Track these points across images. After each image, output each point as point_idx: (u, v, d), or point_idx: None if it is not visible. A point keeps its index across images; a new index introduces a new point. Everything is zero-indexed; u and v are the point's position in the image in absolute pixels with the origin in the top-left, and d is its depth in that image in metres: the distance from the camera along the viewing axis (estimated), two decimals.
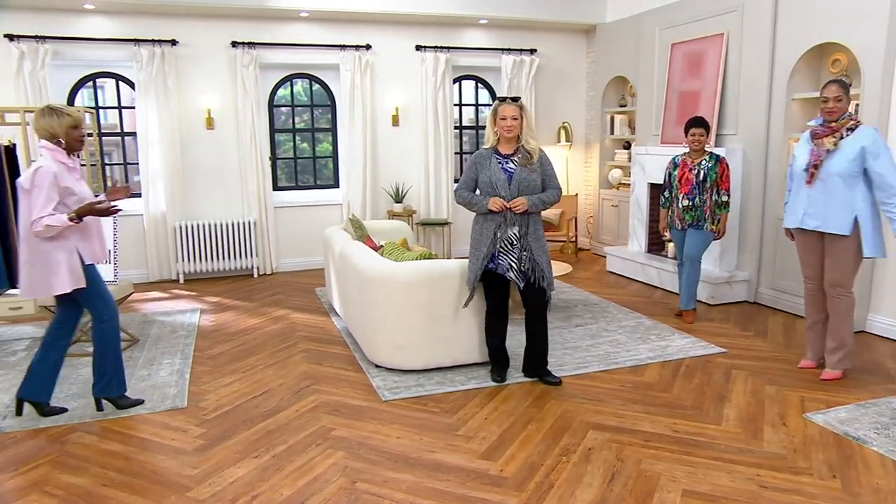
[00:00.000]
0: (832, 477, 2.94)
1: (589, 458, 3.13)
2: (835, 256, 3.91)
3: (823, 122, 3.89)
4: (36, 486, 2.93)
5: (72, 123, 3.37)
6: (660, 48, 6.86)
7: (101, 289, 3.56)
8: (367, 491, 2.85)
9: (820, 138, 3.86)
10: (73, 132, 3.39)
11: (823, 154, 3.82)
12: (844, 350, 4.02)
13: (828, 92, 3.81)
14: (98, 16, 6.61)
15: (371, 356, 4.33)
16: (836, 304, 3.97)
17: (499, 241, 3.82)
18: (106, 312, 3.57)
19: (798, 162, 3.96)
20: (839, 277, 3.92)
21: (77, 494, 2.86)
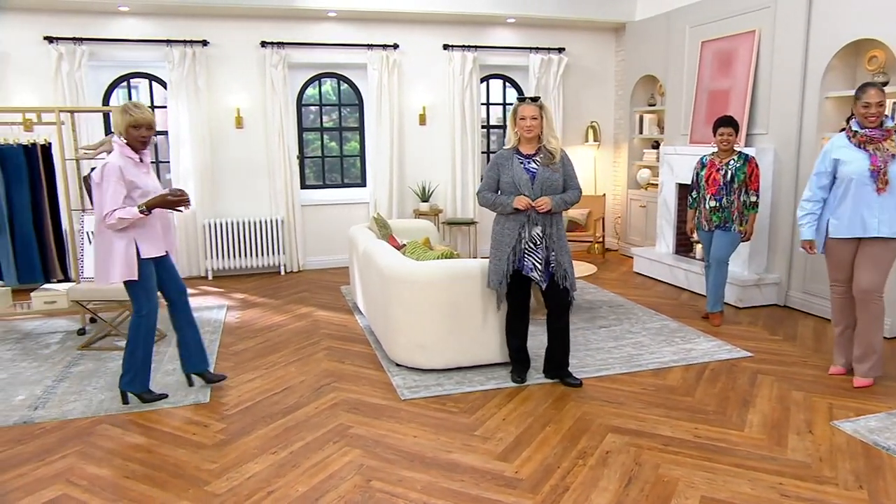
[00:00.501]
0: (858, 487, 2.85)
1: (606, 461, 3.09)
2: (873, 260, 3.79)
3: (862, 128, 3.76)
4: (61, 475, 3.01)
5: (132, 122, 3.47)
6: (689, 46, 6.73)
7: (149, 285, 3.64)
8: (381, 489, 2.85)
9: (878, 143, 3.71)
10: (133, 131, 3.49)
11: (889, 159, 3.69)
12: (875, 357, 3.90)
13: (869, 97, 3.68)
14: (132, 17, 6.75)
15: (392, 355, 4.34)
16: (869, 309, 3.85)
17: (523, 241, 3.80)
18: (146, 308, 3.65)
19: (853, 168, 3.76)
20: (875, 281, 3.80)
21: (100, 485, 2.92)
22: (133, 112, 3.47)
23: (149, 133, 3.53)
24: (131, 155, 3.53)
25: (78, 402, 3.84)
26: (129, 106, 3.49)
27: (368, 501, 2.76)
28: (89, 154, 5.24)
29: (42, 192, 5.24)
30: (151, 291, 3.65)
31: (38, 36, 6.49)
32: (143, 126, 3.50)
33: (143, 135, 3.51)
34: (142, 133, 3.51)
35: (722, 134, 5.03)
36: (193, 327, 3.92)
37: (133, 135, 3.50)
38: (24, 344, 4.93)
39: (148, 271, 3.62)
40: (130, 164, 3.51)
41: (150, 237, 3.59)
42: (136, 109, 3.49)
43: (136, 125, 3.48)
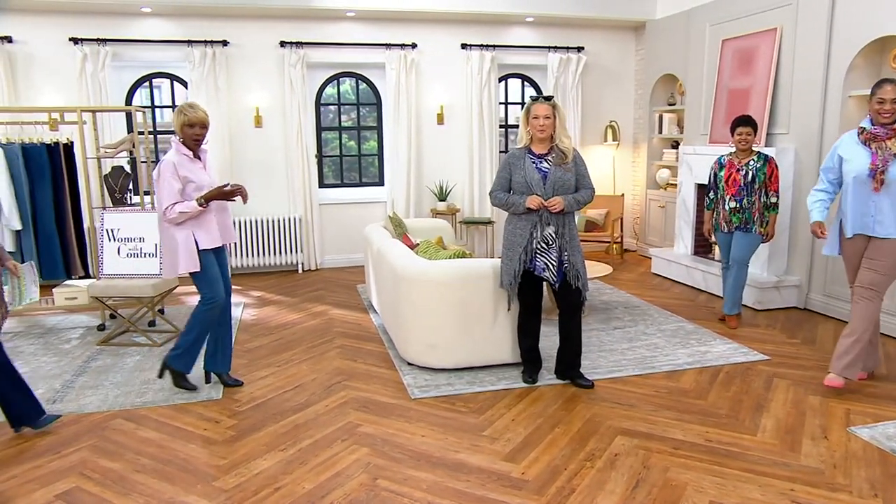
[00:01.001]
0: (873, 496, 2.79)
1: (614, 464, 3.06)
2: (879, 258, 3.69)
3: (873, 124, 3.67)
4: (74, 468, 3.06)
5: (186, 122, 3.64)
6: (710, 45, 6.64)
7: (211, 274, 3.78)
8: (387, 488, 2.86)
9: (882, 141, 3.62)
10: (188, 129, 3.66)
11: (890, 158, 3.59)
12: (854, 355, 3.75)
13: (884, 93, 3.57)
14: (154, 18, 6.85)
15: (404, 354, 4.34)
16: (864, 306, 3.73)
17: (535, 241, 3.78)
18: (208, 296, 3.79)
19: (855, 166, 3.69)
20: (877, 280, 3.69)
21: (111, 479, 2.97)
22: (187, 112, 3.65)
23: (202, 131, 3.70)
24: (186, 152, 3.71)
25: (94, 396, 3.91)
26: (185, 107, 3.67)
27: (373, 500, 2.77)
28: (110, 153, 5.33)
29: (64, 190, 5.34)
30: (214, 280, 3.79)
31: (64, 37, 6.61)
32: (197, 125, 3.67)
33: (197, 133, 3.68)
34: (195, 131, 3.67)
35: (740, 133, 4.95)
36: (226, 328, 3.99)
37: (188, 133, 3.67)
38: (46, 339, 5.03)
39: (208, 261, 3.77)
40: (185, 160, 3.69)
41: (208, 229, 3.74)
42: (191, 109, 3.66)
43: (190, 124, 3.65)
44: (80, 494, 2.84)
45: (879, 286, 3.70)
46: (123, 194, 5.45)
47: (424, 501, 2.76)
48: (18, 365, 4.40)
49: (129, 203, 5.51)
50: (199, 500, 2.79)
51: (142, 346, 4.78)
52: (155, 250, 4.90)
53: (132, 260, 4.92)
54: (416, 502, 2.75)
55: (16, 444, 3.31)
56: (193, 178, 3.68)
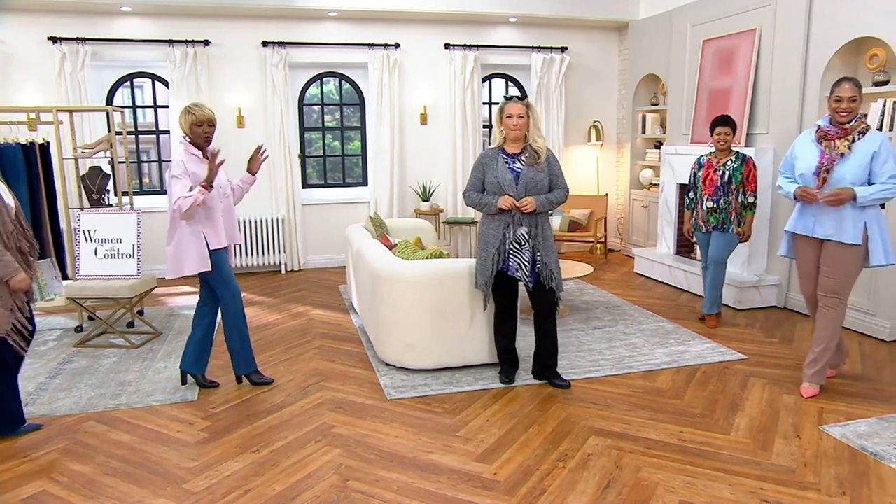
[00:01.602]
0: (841, 493, 2.80)
1: (587, 464, 3.06)
2: (837, 265, 3.65)
3: (831, 122, 3.65)
4: (43, 472, 3.03)
5: (194, 121, 3.67)
6: (691, 45, 6.67)
7: (224, 272, 3.84)
8: (357, 489, 2.85)
9: (831, 140, 3.60)
10: (196, 128, 3.68)
11: (836, 157, 3.56)
12: (824, 362, 3.77)
13: (842, 91, 3.53)
14: (134, 18, 6.80)
15: (381, 354, 4.33)
16: (828, 314, 3.70)
17: (508, 242, 3.78)
18: (226, 295, 3.86)
19: (804, 163, 3.68)
20: (838, 286, 3.66)
21: (79, 482, 2.94)
22: (194, 111, 3.68)
23: (211, 129, 3.74)
24: (195, 152, 3.74)
25: (68, 398, 3.87)
26: (191, 106, 3.70)
27: (343, 501, 2.76)
28: (87, 153, 5.28)
29: (40, 190, 5.29)
30: (228, 278, 3.86)
31: (43, 36, 6.56)
32: (205, 123, 3.69)
33: (206, 131, 3.71)
34: (204, 129, 3.70)
35: (719, 133, 4.97)
36: (211, 330, 4.03)
37: (197, 132, 3.69)
38: None
39: (219, 260, 3.82)
40: (194, 160, 3.71)
41: (216, 229, 3.77)
42: (197, 108, 3.69)
43: (198, 123, 3.68)
44: (46, 498, 2.81)
45: (841, 293, 3.68)
46: (101, 195, 5.40)
47: (394, 502, 2.75)
48: None
49: (106, 203, 5.46)
50: (167, 502, 2.77)
51: (119, 348, 4.74)
52: (132, 251, 4.86)
53: (109, 261, 4.88)
54: (385, 503, 2.74)
55: None
56: (202, 175, 3.69)
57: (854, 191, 3.50)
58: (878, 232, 3.60)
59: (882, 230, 3.63)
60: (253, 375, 4.04)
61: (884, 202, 3.67)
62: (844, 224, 3.58)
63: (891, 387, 3.95)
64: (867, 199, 3.50)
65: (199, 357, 4.01)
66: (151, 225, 6.97)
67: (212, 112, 3.75)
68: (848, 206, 3.56)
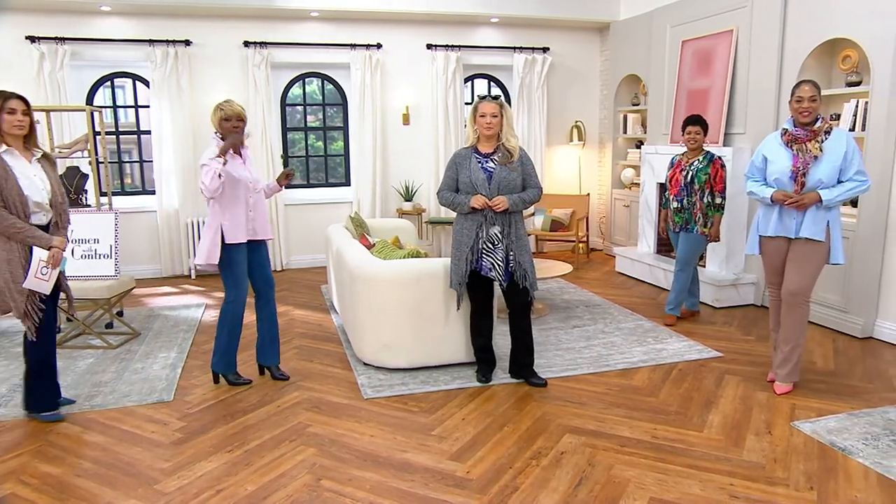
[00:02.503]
0: (809, 488, 2.82)
1: (560, 462, 3.07)
2: (801, 262, 3.69)
3: (796, 124, 3.68)
4: (13, 474, 3.00)
5: (223, 116, 3.72)
6: (671, 45, 6.70)
7: (236, 272, 3.84)
8: (330, 489, 2.84)
9: (802, 143, 3.63)
10: (226, 124, 3.72)
11: (810, 160, 3.59)
12: (795, 360, 3.82)
13: (802, 92, 3.58)
14: (114, 17, 6.75)
15: (359, 354, 4.32)
16: (796, 314, 3.75)
17: (481, 241, 3.77)
18: (231, 294, 3.86)
19: (777, 167, 3.69)
20: (803, 284, 3.70)
21: (49, 484, 2.91)
22: (223, 107, 3.73)
23: (240, 124, 3.76)
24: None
25: None
26: (221, 103, 3.75)
27: (315, 500, 2.75)
28: (64, 153, 5.24)
29: None
30: (239, 279, 3.84)
31: (21, 35, 6.49)
32: (234, 118, 3.73)
33: (235, 125, 3.73)
34: (232, 124, 3.72)
35: (689, 132, 4.98)
36: (270, 322, 4.08)
37: (226, 127, 3.72)
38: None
39: (236, 258, 3.81)
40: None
41: (236, 223, 3.77)
42: (226, 104, 3.74)
43: (227, 118, 3.72)
44: (14, 501, 2.78)
45: (807, 291, 3.73)
46: (79, 195, 5.35)
47: (366, 501, 2.74)
48: None
49: (84, 204, 5.41)
50: (137, 503, 2.74)
51: (97, 349, 4.70)
52: (110, 251, 4.82)
53: (87, 261, 4.84)
54: (357, 502, 2.73)
55: None
56: (230, 170, 3.71)
57: (819, 194, 3.57)
58: (839, 231, 3.68)
59: (841, 230, 3.70)
60: (231, 376, 4.03)
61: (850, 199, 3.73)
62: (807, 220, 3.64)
63: (862, 383, 3.99)
64: (833, 200, 3.57)
65: (264, 350, 4.10)
66: (133, 226, 6.93)
67: (241, 108, 3.79)
68: (813, 207, 3.61)
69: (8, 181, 3.21)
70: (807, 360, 4.32)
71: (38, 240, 3.31)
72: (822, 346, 4.68)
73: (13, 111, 3.25)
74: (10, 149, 3.28)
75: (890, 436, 3.28)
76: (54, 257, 3.36)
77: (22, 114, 3.28)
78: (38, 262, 3.32)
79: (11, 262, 3.28)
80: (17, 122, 3.26)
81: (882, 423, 3.42)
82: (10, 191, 3.22)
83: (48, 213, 3.41)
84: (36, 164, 3.39)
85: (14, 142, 3.31)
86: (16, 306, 3.32)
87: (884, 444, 3.19)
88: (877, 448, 3.16)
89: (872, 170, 4.58)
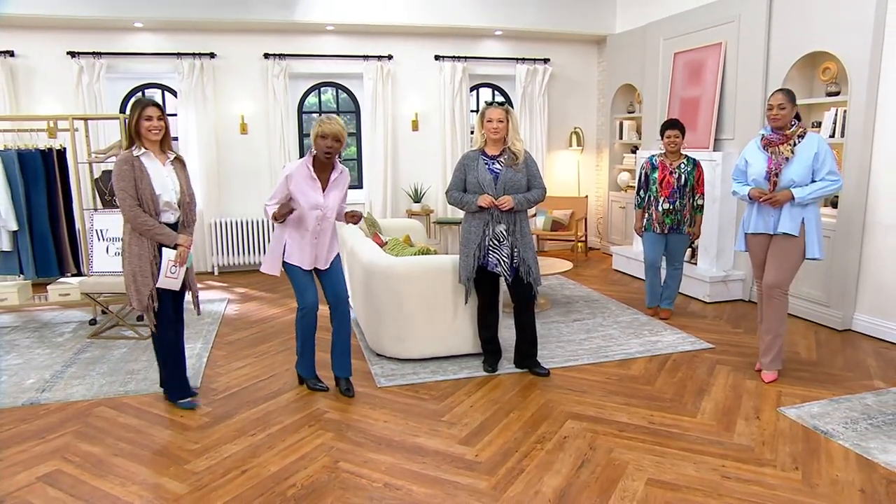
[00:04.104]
0: (794, 469, 2.83)
1: (563, 446, 3.08)
2: (779, 257, 3.73)
3: (771, 130, 3.72)
4: (57, 452, 3.04)
5: (319, 132, 3.37)
6: (663, 57, 6.69)
7: (299, 285, 3.58)
8: (347, 470, 2.85)
9: (776, 146, 3.69)
10: (320, 141, 3.38)
11: (782, 162, 3.65)
12: (777, 349, 3.84)
13: (773, 100, 3.65)
14: (146, 33, 6.78)
15: (373, 345, 4.34)
16: (775, 305, 3.78)
17: (488, 238, 3.78)
18: (300, 304, 3.60)
19: (755, 169, 3.75)
20: (780, 278, 3.73)
21: (90, 462, 2.94)
22: (322, 122, 3.38)
23: (335, 144, 3.38)
24: (307, 168, 3.44)
25: (81, 385, 3.87)
26: (322, 118, 3.41)
27: (334, 481, 2.76)
28: (100, 158, 5.27)
29: (57, 193, 5.27)
30: (303, 292, 3.57)
31: (62, 51, 6.54)
32: (330, 137, 3.36)
33: (329, 145, 3.36)
34: (327, 143, 3.36)
35: (669, 136, 4.96)
36: (339, 335, 3.74)
37: (319, 144, 3.39)
38: (41, 332, 4.97)
39: (296, 272, 3.57)
40: (303, 176, 3.43)
41: (297, 247, 3.52)
42: (326, 120, 3.38)
43: (323, 135, 3.37)
44: (60, 476, 2.82)
45: (785, 284, 3.76)
46: (113, 197, 5.38)
47: (381, 482, 2.76)
48: (13, 357, 4.37)
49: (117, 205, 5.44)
50: (170, 481, 2.77)
51: (129, 340, 4.74)
52: None
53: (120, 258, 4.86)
54: (373, 483, 2.75)
55: (5, 430, 3.27)
56: (299, 195, 3.42)
57: (791, 192, 3.62)
58: (815, 228, 3.69)
59: (818, 227, 3.71)
60: (310, 381, 3.80)
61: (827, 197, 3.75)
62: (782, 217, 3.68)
63: (842, 371, 3.99)
64: (804, 198, 3.62)
65: (334, 361, 3.77)
66: None
67: (342, 127, 3.38)
68: (788, 205, 3.66)
69: (143, 181, 3.24)
70: (791, 351, 4.32)
71: (166, 237, 3.30)
72: (805, 338, 4.68)
73: (150, 118, 3.26)
74: (147, 151, 3.30)
75: (868, 420, 3.29)
76: (181, 256, 3.35)
77: (157, 119, 3.28)
78: (168, 262, 3.32)
79: (142, 258, 3.29)
80: (153, 128, 3.27)
81: (861, 409, 3.42)
82: (145, 190, 3.24)
83: (176, 212, 3.41)
84: (169, 166, 3.39)
85: (151, 145, 3.32)
86: (139, 299, 3.31)
87: (862, 428, 3.20)
88: (856, 431, 3.16)
89: (850, 173, 4.58)
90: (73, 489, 2.72)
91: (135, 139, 3.30)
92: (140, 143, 3.30)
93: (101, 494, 2.68)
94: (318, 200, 3.45)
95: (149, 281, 3.32)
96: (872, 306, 4.66)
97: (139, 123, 3.26)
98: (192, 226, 3.52)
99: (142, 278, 3.31)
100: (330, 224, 3.56)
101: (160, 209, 3.32)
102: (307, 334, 3.68)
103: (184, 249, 3.37)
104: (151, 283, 3.33)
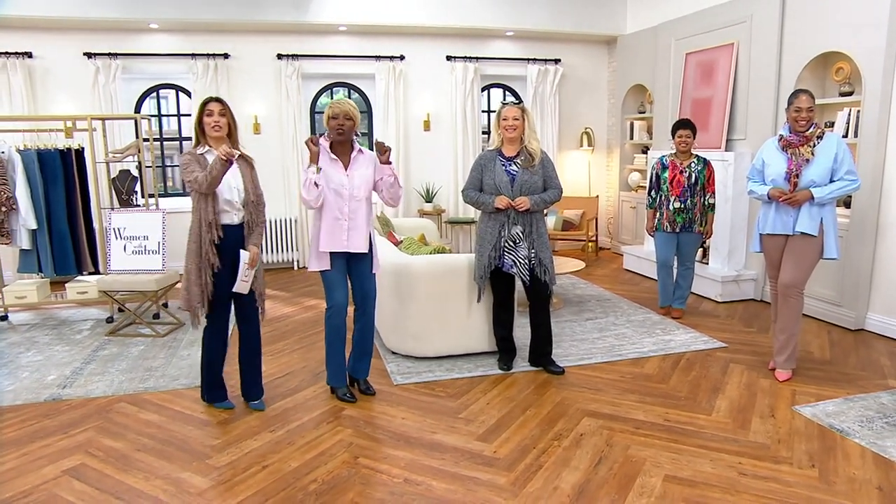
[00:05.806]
0: (811, 466, 2.84)
1: (580, 443, 3.09)
2: (796, 256, 3.73)
3: (791, 131, 3.71)
4: (80, 447, 3.08)
5: (329, 113, 3.39)
6: (675, 58, 6.69)
7: (329, 280, 3.49)
8: (366, 466, 2.88)
9: (795, 147, 3.68)
10: (331, 121, 3.38)
11: (803, 163, 3.64)
12: (791, 348, 3.84)
13: (801, 102, 3.62)
14: (161, 34, 6.84)
15: (388, 343, 4.36)
16: (791, 304, 3.77)
17: (503, 239, 3.80)
18: (328, 303, 3.52)
19: (774, 170, 3.74)
20: (797, 277, 3.73)
21: (114, 456, 2.98)
22: (331, 105, 3.41)
23: (345, 122, 3.38)
24: (327, 148, 3.45)
25: (101, 382, 3.92)
26: (332, 101, 3.43)
27: (354, 477, 2.79)
28: (117, 157, 5.32)
29: (75, 192, 5.33)
30: (332, 288, 3.48)
31: (79, 52, 6.60)
32: (340, 115, 3.37)
33: (340, 123, 3.37)
34: (338, 121, 3.37)
35: (681, 136, 4.97)
36: (361, 334, 3.67)
37: (331, 125, 3.39)
38: (60, 330, 5.03)
39: (327, 273, 3.47)
40: (325, 157, 3.42)
41: (328, 231, 3.42)
42: (336, 102, 3.42)
43: (333, 115, 3.38)
44: (84, 470, 2.86)
45: (802, 284, 3.75)
46: (129, 196, 5.44)
47: (401, 478, 2.78)
48: (34, 353, 4.42)
49: (134, 204, 5.50)
50: (193, 476, 2.81)
51: (146, 337, 4.78)
52: (158, 248, 4.90)
53: (137, 256, 4.92)
54: (393, 478, 2.78)
55: (28, 425, 3.32)
56: (325, 178, 3.39)
57: (811, 192, 3.61)
58: (833, 228, 3.70)
59: (835, 227, 3.71)
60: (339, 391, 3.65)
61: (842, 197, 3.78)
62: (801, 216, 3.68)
63: (855, 371, 3.99)
64: (824, 198, 3.61)
65: (352, 361, 3.70)
66: (175, 225, 6.97)
67: (351, 106, 3.40)
68: (807, 204, 3.65)
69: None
70: (804, 351, 4.32)
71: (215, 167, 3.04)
72: (818, 337, 4.67)
73: (210, 113, 3.19)
74: (210, 149, 3.22)
75: (883, 418, 3.29)
76: (253, 260, 3.29)
77: (219, 114, 3.20)
78: (244, 265, 3.25)
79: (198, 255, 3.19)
80: (213, 124, 3.18)
81: (876, 407, 3.42)
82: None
83: (239, 211, 3.28)
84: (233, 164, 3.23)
85: (214, 142, 3.22)
86: (188, 297, 3.21)
87: (878, 426, 3.20)
88: (872, 429, 3.17)
89: (864, 173, 4.57)
90: (98, 483, 2.76)
91: (199, 137, 3.24)
92: (204, 141, 3.24)
93: (125, 488, 2.72)
94: (342, 180, 3.42)
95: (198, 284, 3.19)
96: (886, 306, 4.65)
97: (202, 119, 3.20)
98: (259, 227, 3.38)
99: (194, 277, 3.20)
100: (361, 205, 3.47)
101: (220, 208, 3.21)
102: (333, 338, 3.56)
103: (256, 252, 3.30)
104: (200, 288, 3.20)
